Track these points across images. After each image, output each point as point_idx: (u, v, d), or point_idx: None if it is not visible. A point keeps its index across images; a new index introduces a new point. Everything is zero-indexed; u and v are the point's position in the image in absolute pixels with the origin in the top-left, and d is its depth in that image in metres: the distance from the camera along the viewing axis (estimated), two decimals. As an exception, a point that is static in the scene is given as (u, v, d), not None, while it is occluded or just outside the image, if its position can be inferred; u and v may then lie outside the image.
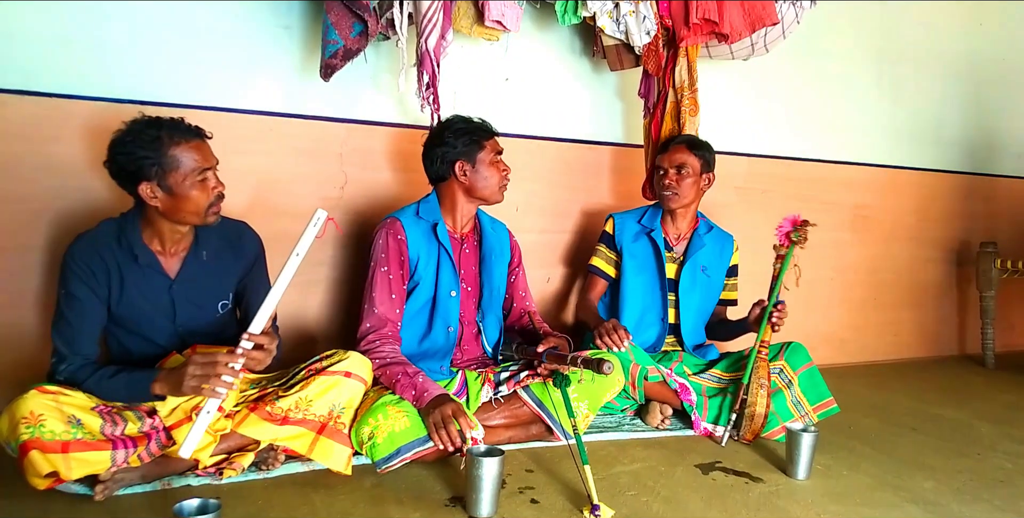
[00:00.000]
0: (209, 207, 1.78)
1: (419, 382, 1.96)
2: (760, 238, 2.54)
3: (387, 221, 2.20)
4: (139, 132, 1.71)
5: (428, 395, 1.92)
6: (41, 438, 1.56)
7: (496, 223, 2.42)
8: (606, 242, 2.68)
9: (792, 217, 2.29)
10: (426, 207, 2.24)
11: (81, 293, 1.75)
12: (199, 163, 1.74)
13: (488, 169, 2.20)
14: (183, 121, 1.77)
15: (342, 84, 2.50)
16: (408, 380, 1.97)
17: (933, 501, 1.86)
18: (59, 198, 2.19)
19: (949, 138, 3.99)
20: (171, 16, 2.32)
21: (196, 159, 1.74)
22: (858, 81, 3.69)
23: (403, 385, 1.96)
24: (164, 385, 1.65)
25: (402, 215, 2.21)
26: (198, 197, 1.75)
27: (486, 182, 2.21)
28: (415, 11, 2.31)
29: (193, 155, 1.74)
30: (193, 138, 1.75)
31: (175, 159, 1.71)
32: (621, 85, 3.10)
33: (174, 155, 1.71)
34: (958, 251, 4.03)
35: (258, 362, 1.66)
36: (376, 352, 2.05)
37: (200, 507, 1.42)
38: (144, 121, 1.74)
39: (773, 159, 3.45)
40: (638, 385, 2.36)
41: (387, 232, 2.16)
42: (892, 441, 2.36)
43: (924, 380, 3.38)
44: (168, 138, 1.71)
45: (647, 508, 1.74)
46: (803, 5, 2.84)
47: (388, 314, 2.12)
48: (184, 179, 1.73)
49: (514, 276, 2.43)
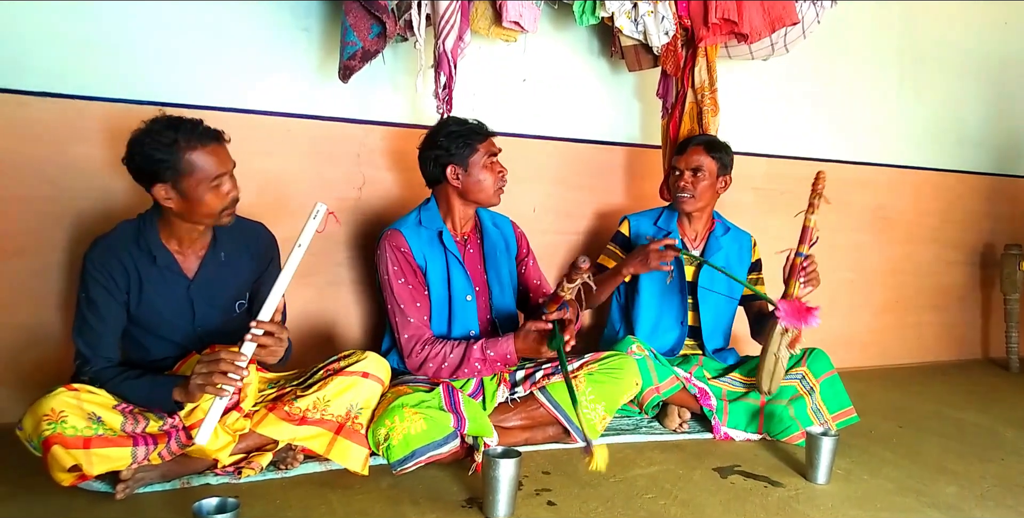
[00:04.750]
0: (223, 210, 1.78)
1: (489, 356, 2.06)
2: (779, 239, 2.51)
3: (387, 233, 2.17)
4: (156, 133, 1.69)
5: (510, 354, 2.05)
6: (63, 434, 1.58)
7: (498, 217, 2.39)
8: (620, 243, 2.64)
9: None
10: (427, 214, 2.23)
11: (100, 298, 1.77)
12: (214, 168, 1.72)
13: (482, 172, 2.17)
14: (201, 123, 1.74)
15: (360, 85, 2.51)
16: (482, 360, 2.07)
17: (956, 507, 1.83)
18: (81, 199, 2.22)
19: (972, 139, 3.94)
20: (191, 18, 2.34)
21: (212, 164, 1.72)
22: (879, 81, 3.65)
23: (485, 366, 2.07)
24: (181, 391, 1.66)
25: (402, 225, 2.19)
26: (212, 201, 1.74)
27: (480, 186, 2.18)
28: (433, 12, 2.32)
29: (209, 160, 1.71)
30: (210, 142, 1.73)
31: (190, 164, 1.70)
32: (639, 85, 3.09)
33: (189, 160, 1.69)
34: (982, 253, 3.98)
35: (270, 352, 1.65)
36: (433, 358, 2.08)
37: (219, 506, 1.43)
38: (163, 121, 1.72)
39: (792, 160, 3.42)
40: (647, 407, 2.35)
41: (389, 245, 2.14)
42: (914, 445, 2.33)
43: (947, 384, 3.34)
44: (185, 142, 1.69)
45: (665, 511, 1.73)
46: (823, 4, 2.81)
47: (421, 321, 2.12)
48: (199, 184, 1.71)
49: (524, 266, 2.40)
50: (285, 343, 1.68)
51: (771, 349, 2.22)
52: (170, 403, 1.69)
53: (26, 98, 2.15)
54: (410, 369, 2.11)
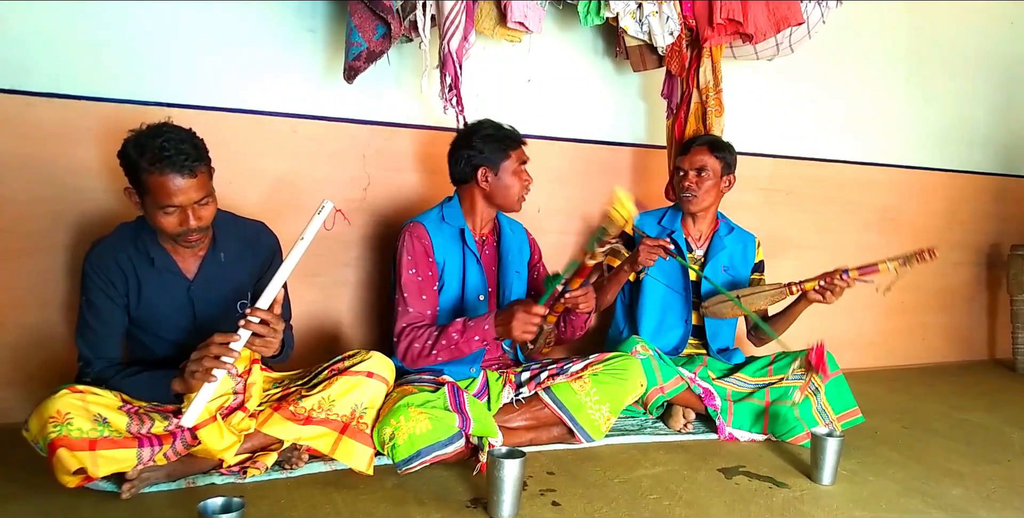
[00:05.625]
0: (180, 235, 1.71)
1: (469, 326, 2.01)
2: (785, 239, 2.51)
3: (410, 225, 2.19)
4: (126, 150, 1.65)
5: (488, 326, 1.99)
6: (69, 436, 1.59)
7: (513, 223, 2.42)
8: (624, 242, 2.64)
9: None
10: (450, 211, 2.24)
11: (100, 301, 1.77)
12: (163, 200, 1.64)
13: (511, 178, 2.19)
14: (171, 149, 1.61)
15: (365, 86, 2.51)
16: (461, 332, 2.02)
17: (962, 508, 1.82)
18: (86, 200, 2.23)
19: (979, 139, 3.92)
20: (197, 19, 2.34)
21: (164, 193, 1.63)
22: (885, 81, 3.64)
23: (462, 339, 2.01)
24: (180, 382, 1.68)
25: (425, 219, 2.21)
26: (165, 224, 1.69)
27: (506, 191, 2.20)
28: (438, 13, 2.32)
29: (164, 188, 1.62)
30: (169, 171, 1.61)
31: (146, 184, 1.64)
32: (644, 86, 3.08)
33: (145, 182, 1.64)
34: (988, 254, 3.96)
35: (264, 342, 1.66)
36: (417, 338, 2.06)
37: (224, 505, 1.43)
38: (135, 138, 1.65)
39: (798, 160, 3.41)
40: (651, 407, 2.35)
41: (411, 235, 2.16)
42: (919, 446, 2.32)
43: (953, 385, 3.33)
44: (146, 164, 1.61)
45: (669, 512, 1.73)
46: (829, 4, 2.81)
47: (421, 312, 2.12)
48: (153, 205, 1.66)
49: (536, 272, 2.43)
50: (280, 334, 1.67)
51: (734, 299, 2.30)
52: (170, 396, 1.70)
53: (32, 99, 2.16)
54: (399, 357, 2.08)
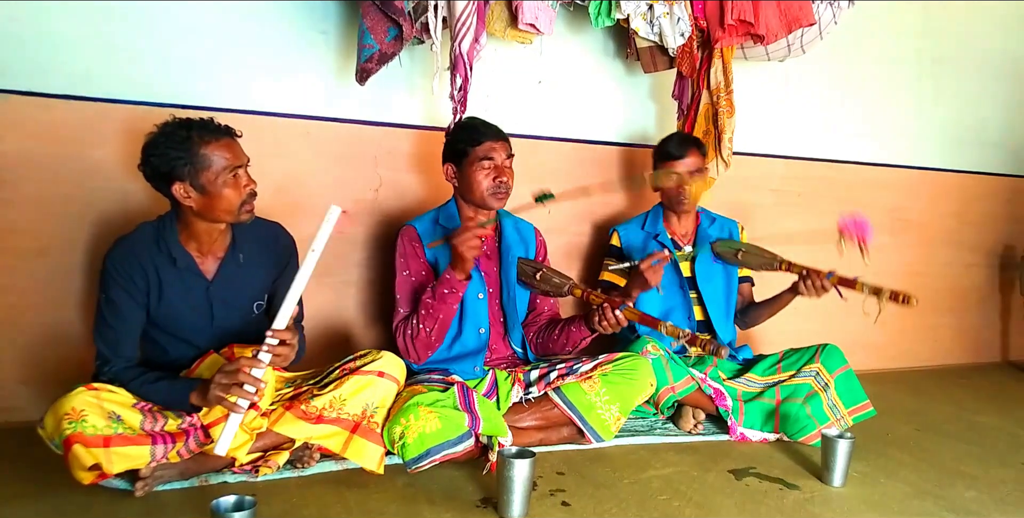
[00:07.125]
0: (242, 205, 1.80)
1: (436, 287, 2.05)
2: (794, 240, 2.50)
3: (403, 229, 2.24)
4: (170, 133, 1.73)
5: (448, 274, 2.03)
6: (83, 433, 1.60)
7: (521, 223, 2.42)
8: (615, 255, 2.66)
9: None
10: (445, 213, 2.27)
11: (120, 299, 1.79)
12: (230, 161, 1.76)
13: (474, 173, 2.17)
14: (212, 121, 1.78)
15: (377, 88, 2.52)
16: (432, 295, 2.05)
17: (975, 511, 1.82)
18: (102, 200, 2.25)
19: (991, 139, 3.90)
20: (212, 22, 2.37)
21: (227, 157, 1.76)
22: (897, 82, 3.62)
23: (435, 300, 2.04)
24: (199, 395, 1.68)
25: (418, 222, 2.24)
26: (230, 195, 1.77)
27: (471, 187, 2.18)
28: (449, 15, 2.33)
29: (223, 153, 1.75)
30: (223, 136, 1.77)
31: (206, 158, 1.73)
32: (655, 87, 3.08)
33: (205, 154, 1.73)
34: (1001, 255, 3.93)
35: (283, 358, 1.68)
36: (408, 326, 2.10)
37: (236, 504, 1.44)
38: (175, 122, 1.76)
39: (810, 161, 3.40)
40: (662, 407, 2.36)
41: (403, 238, 2.21)
42: (931, 449, 2.31)
43: (964, 387, 3.31)
44: (199, 137, 1.73)
45: (679, 513, 1.73)
46: (840, 5, 2.80)
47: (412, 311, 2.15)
48: (216, 177, 1.75)
49: None
50: (296, 348, 1.70)
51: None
52: (187, 405, 1.71)
53: (51, 101, 2.19)
54: (402, 355, 2.09)
